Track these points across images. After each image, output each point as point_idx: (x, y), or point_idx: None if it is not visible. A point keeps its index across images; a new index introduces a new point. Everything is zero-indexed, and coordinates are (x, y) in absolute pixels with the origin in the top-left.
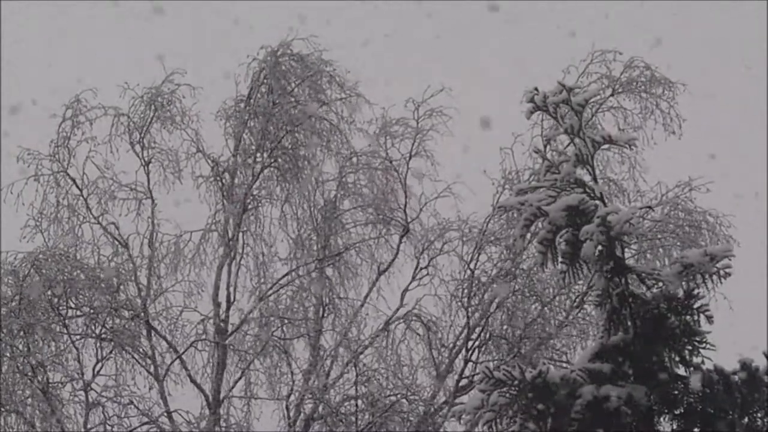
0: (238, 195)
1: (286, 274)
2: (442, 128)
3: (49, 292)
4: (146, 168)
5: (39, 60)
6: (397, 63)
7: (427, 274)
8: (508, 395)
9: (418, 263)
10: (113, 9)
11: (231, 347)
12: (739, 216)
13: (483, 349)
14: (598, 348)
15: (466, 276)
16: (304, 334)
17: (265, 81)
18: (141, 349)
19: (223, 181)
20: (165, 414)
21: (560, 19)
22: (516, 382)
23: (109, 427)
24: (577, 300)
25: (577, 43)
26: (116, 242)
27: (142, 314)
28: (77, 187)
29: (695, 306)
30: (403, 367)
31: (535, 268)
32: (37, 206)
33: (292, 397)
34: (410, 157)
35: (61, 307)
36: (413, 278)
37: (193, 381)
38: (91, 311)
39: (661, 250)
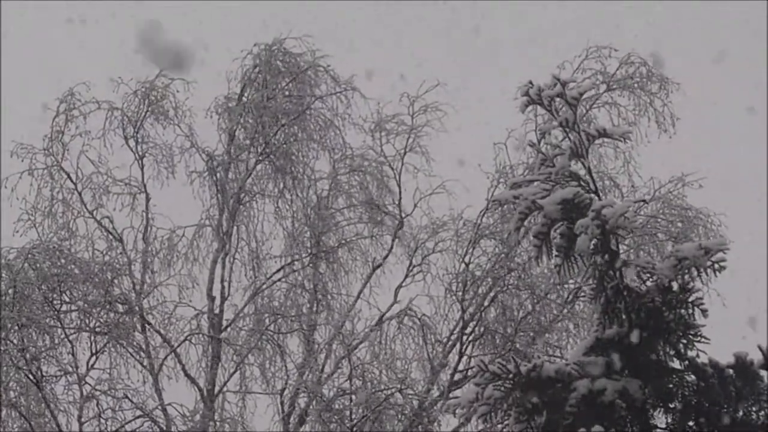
0: (232, 189)
1: (280, 269)
2: (437, 124)
3: (44, 286)
4: (140, 162)
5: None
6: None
7: (420, 271)
8: (502, 389)
9: (411, 261)
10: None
11: (225, 342)
12: (737, 213)
13: (477, 343)
14: (592, 341)
15: (460, 270)
16: (299, 329)
17: (258, 76)
18: (135, 343)
19: (217, 176)
20: (159, 407)
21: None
22: (511, 376)
23: (103, 421)
24: (571, 294)
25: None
26: (111, 236)
27: (137, 308)
28: (71, 181)
29: (690, 299)
30: (397, 361)
31: (529, 262)
32: (31, 200)
33: (287, 392)
34: (405, 153)
35: (55, 301)
36: (407, 275)
37: (187, 375)
38: (85, 305)
39: (653, 246)
